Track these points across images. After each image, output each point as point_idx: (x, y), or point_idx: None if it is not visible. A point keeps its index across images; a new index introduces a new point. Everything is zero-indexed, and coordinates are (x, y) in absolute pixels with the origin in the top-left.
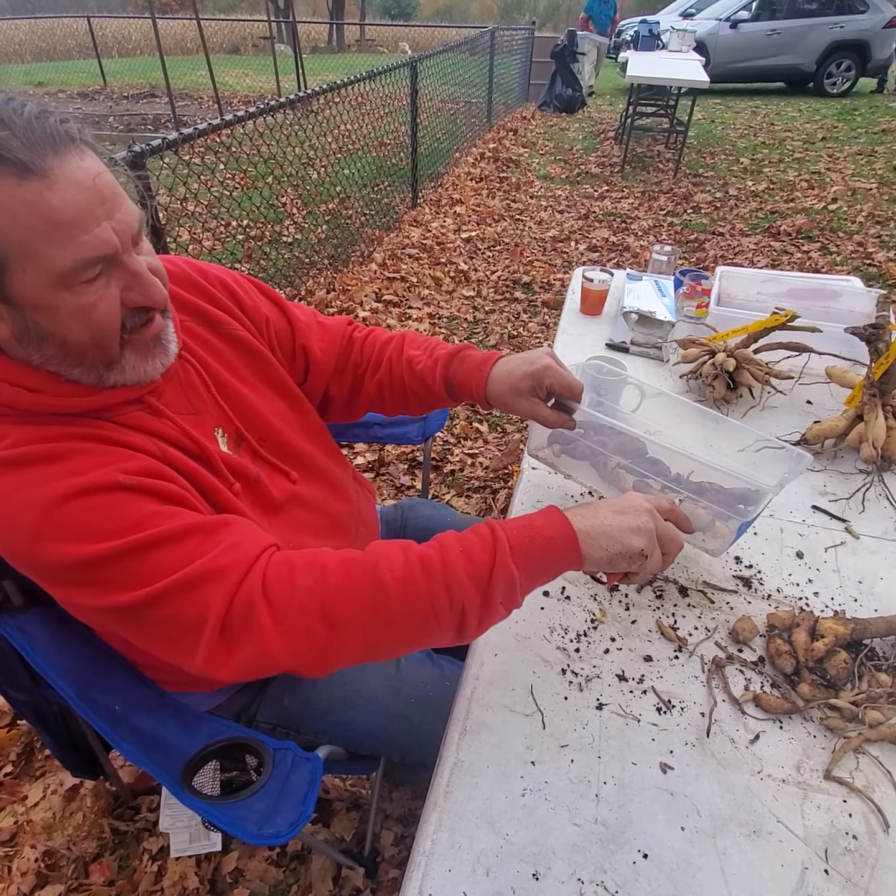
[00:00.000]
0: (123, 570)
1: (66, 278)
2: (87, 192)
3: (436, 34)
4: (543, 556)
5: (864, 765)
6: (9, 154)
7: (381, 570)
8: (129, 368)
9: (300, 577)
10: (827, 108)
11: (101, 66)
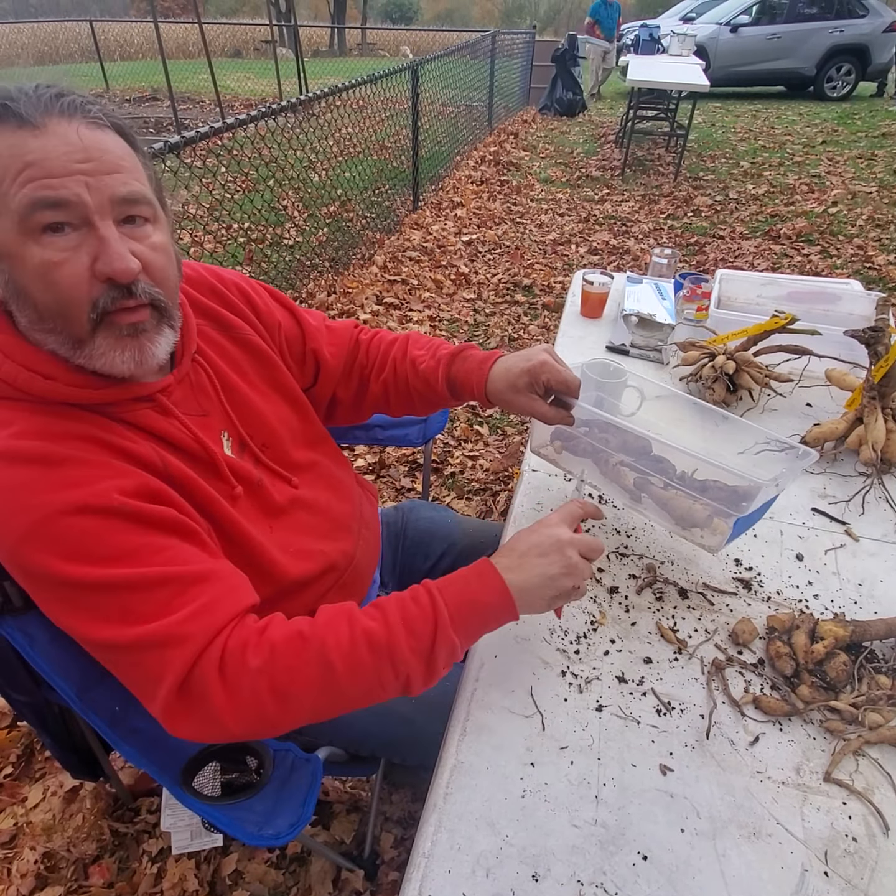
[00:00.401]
0: (96, 602)
1: (25, 220)
2: (70, 147)
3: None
4: (482, 620)
5: (863, 767)
6: (13, 106)
7: (329, 649)
8: (97, 354)
9: (251, 656)
10: (827, 112)
11: (103, 69)
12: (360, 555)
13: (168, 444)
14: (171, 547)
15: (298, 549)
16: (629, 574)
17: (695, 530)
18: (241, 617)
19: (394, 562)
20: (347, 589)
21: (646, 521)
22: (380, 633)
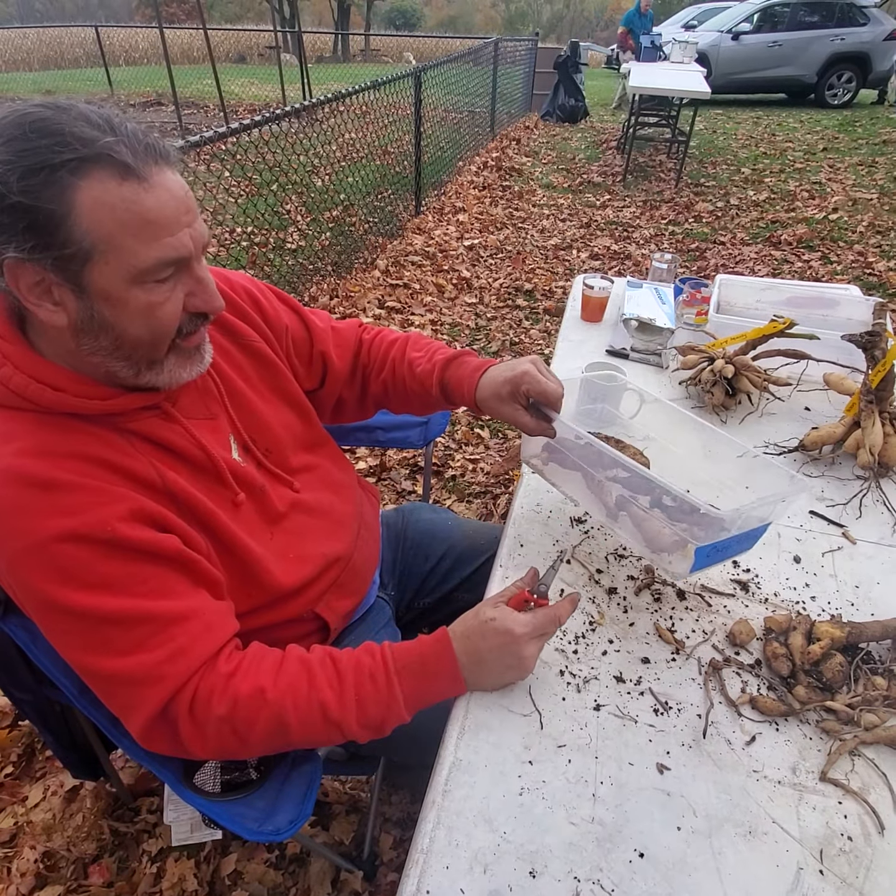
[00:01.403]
0: (80, 629)
1: (143, 274)
2: (176, 200)
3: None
4: (432, 699)
5: (859, 767)
6: (116, 156)
7: (286, 712)
8: (165, 371)
9: (216, 705)
10: (828, 120)
11: (108, 74)
12: (357, 555)
13: (170, 452)
14: (157, 576)
15: (298, 553)
16: (627, 575)
17: (663, 555)
18: (213, 659)
19: (394, 563)
20: (345, 588)
21: None
22: (334, 707)
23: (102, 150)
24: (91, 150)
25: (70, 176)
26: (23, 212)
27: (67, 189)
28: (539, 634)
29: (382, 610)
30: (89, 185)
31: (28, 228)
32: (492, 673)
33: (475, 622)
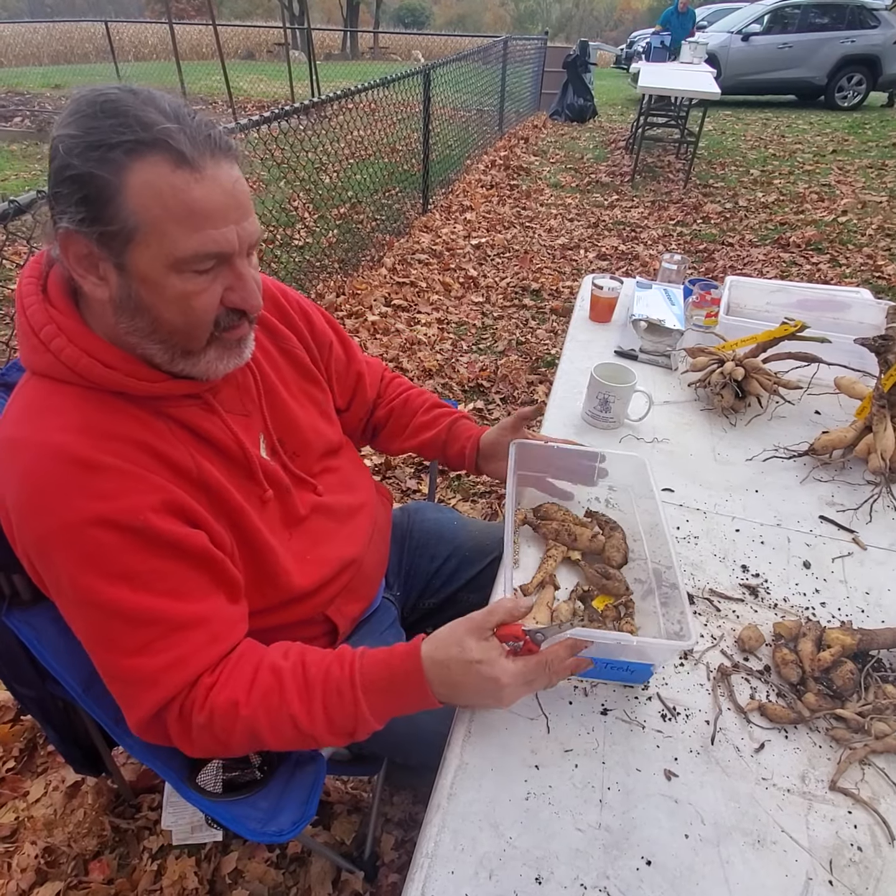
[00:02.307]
0: (91, 618)
1: (181, 263)
2: (226, 195)
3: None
4: (405, 712)
5: (869, 776)
6: (173, 143)
7: (259, 726)
8: (203, 362)
9: (196, 714)
10: (837, 122)
11: (117, 69)
12: (369, 559)
13: (207, 443)
14: (177, 574)
15: (315, 556)
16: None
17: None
18: (209, 671)
19: (399, 563)
20: (355, 593)
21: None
22: (304, 720)
23: (160, 135)
24: (149, 135)
25: (125, 156)
26: (79, 184)
27: (121, 169)
28: (525, 682)
29: (388, 611)
30: (142, 167)
31: (82, 201)
32: (465, 701)
33: (458, 656)
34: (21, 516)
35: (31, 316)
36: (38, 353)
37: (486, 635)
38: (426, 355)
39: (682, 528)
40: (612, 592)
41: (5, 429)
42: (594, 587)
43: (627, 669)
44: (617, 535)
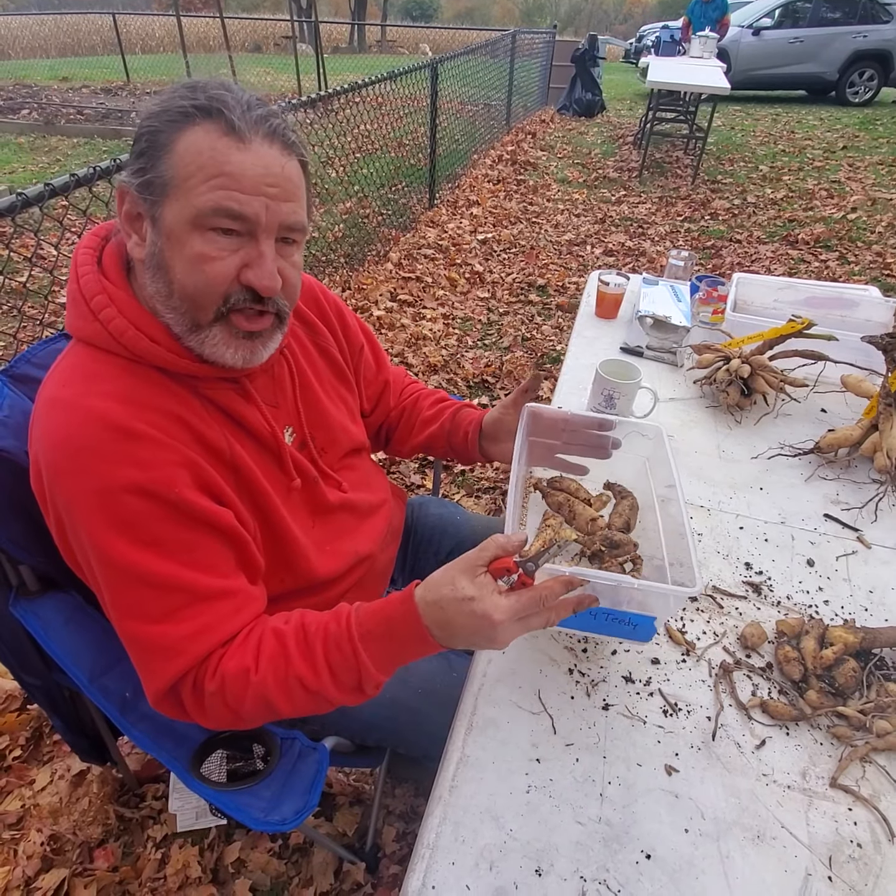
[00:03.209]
0: (117, 583)
1: (201, 217)
2: (265, 170)
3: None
4: (408, 660)
5: (870, 774)
6: (227, 113)
7: (269, 690)
8: (208, 343)
9: (208, 682)
10: (848, 118)
11: (124, 62)
12: (381, 557)
13: (241, 427)
14: (205, 548)
15: (334, 548)
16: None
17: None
18: (223, 649)
19: (403, 557)
20: (366, 589)
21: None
22: (311, 679)
23: (216, 103)
24: (207, 102)
25: (184, 118)
26: (142, 139)
27: (176, 128)
28: (520, 618)
29: None
30: (194, 130)
31: (140, 153)
32: (463, 642)
33: (450, 595)
34: (56, 476)
35: (83, 285)
36: (86, 320)
37: (478, 573)
38: (431, 351)
39: None
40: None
41: (48, 389)
42: (606, 552)
43: (629, 623)
44: (624, 504)
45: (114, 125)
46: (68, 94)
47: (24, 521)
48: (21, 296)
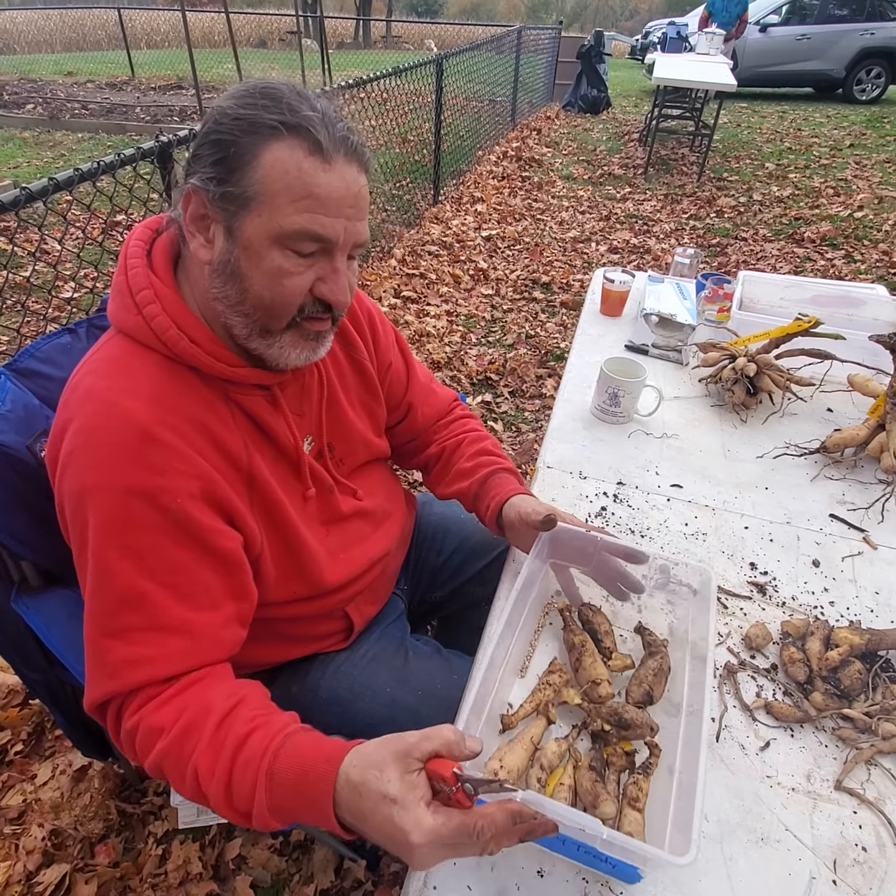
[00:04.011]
0: (94, 578)
1: (285, 238)
2: (347, 192)
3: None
4: (304, 820)
5: (875, 777)
6: (314, 132)
7: (167, 765)
8: (277, 346)
9: (126, 720)
10: (855, 115)
11: (129, 57)
12: (391, 563)
13: (264, 435)
14: (190, 571)
15: (348, 554)
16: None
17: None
18: (159, 683)
19: (406, 556)
20: (374, 594)
21: (660, 522)
22: (204, 777)
23: (304, 122)
24: (294, 119)
25: (268, 132)
26: (219, 147)
27: (261, 142)
28: (444, 845)
29: (395, 605)
30: (279, 146)
31: (216, 162)
32: (376, 842)
33: (374, 784)
34: (70, 462)
35: (131, 277)
36: (129, 313)
37: (411, 767)
38: (435, 347)
39: (690, 524)
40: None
41: (84, 377)
42: (612, 732)
43: (607, 861)
44: (650, 665)
45: (118, 120)
46: (73, 88)
47: (26, 516)
48: (25, 291)
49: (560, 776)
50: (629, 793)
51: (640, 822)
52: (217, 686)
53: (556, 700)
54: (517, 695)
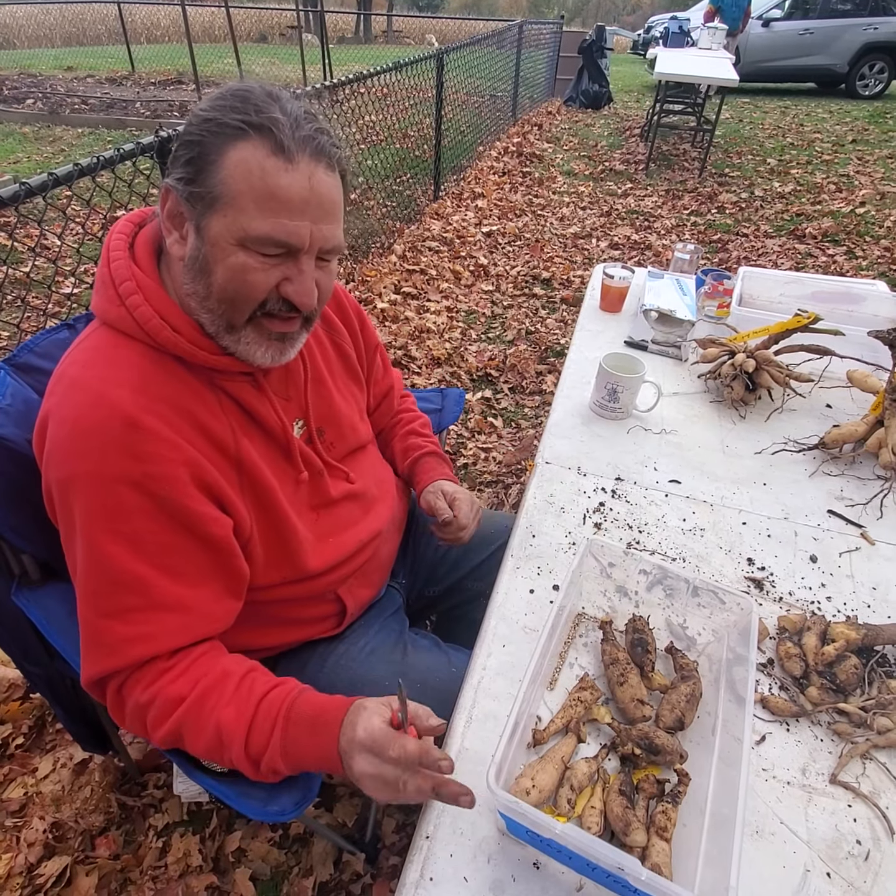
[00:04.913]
0: (86, 562)
1: (249, 241)
2: (311, 193)
3: (463, 27)
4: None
5: (870, 771)
6: (276, 132)
7: (186, 730)
8: (242, 343)
9: (140, 693)
10: (858, 111)
11: (129, 52)
12: (384, 548)
13: (252, 420)
14: (181, 552)
15: (338, 538)
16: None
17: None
18: (165, 657)
19: (404, 550)
20: (368, 578)
21: (658, 518)
22: (227, 728)
23: (267, 122)
24: (258, 119)
25: (233, 132)
26: (189, 148)
27: (226, 142)
28: (371, 752)
29: (393, 598)
30: (244, 146)
31: (186, 162)
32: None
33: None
34: (56, 451)
35: (114, 269)
36: (112, 304)
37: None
38: (435, 344)
39: (688, 520)
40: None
41: (70, 367)
42: (642, 756)
43: (628, 887)
44: (682, 690)
45: (118, 115)
46: (73, 83)
47: (27, 509)
48: (25, 286)
49: (589, 797)
50: (657, 822)
51: (668, 853)
52: (227, 655)
53: (586, 717)
54: (545, 708)
